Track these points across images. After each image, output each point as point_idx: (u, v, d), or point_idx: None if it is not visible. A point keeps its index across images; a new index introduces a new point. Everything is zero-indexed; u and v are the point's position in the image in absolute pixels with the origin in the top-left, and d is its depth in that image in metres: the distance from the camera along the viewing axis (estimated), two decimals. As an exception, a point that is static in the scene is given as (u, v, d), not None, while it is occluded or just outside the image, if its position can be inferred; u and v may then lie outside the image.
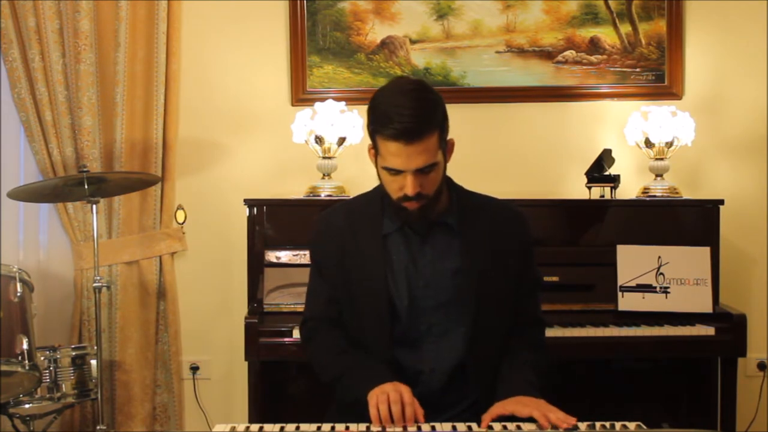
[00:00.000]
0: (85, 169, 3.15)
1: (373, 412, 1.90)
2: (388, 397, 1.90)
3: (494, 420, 1.91)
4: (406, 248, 2.10)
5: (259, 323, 3.05)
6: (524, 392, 1.97)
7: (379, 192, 2.15)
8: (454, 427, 1.88)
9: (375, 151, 2.04)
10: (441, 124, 2.00)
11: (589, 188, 3.49)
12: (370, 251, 2.10)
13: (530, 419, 1.89)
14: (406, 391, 1.93)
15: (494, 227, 2.13)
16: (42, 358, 3.06)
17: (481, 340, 2.08)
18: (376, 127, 1.99)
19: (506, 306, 2.12)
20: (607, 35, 3.69)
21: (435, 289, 2.09)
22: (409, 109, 1.94)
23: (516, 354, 2.11)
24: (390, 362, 2.07)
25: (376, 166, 2.06)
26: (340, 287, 2.14)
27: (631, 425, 1.86)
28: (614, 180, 3.43)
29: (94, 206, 3.19)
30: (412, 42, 3.70)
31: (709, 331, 3.09)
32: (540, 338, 2.23)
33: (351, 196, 3.34)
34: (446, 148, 2.05)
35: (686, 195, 3.50)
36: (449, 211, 2.11)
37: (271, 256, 3.26)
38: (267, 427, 1.86)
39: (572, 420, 1.86)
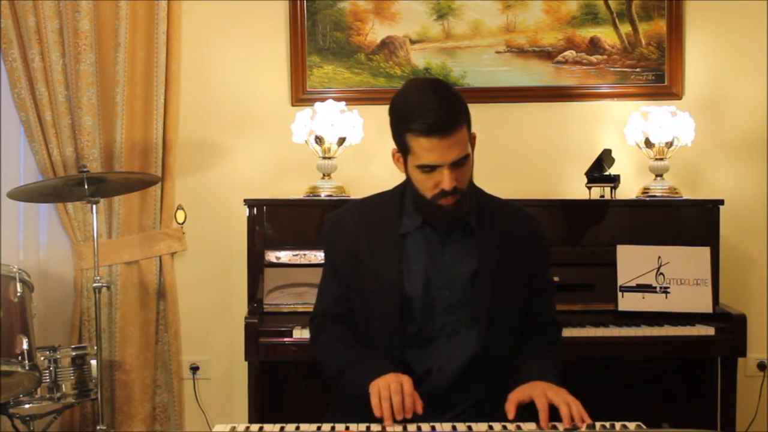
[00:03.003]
0: (85, 169, 3.15)
1: (374, 401, 1.90)
2: (389, 387, 1.90)
3: (517, 408, 1.91)
4: (426, 248, 2.10)
5: (259, 323, 3.05)
6: (545, 379, 1.97)
7: (398, 192, 2.15)
8: (454, 427, 1.87)
9: (403, 152, 2.03)
10: (467, 116, 2.01)
11: (589, 188, 3.49)
12: (386, 250, 2.09)
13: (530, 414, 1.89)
14: (407, 381, 1.93)
15: (510, 229, 2.14)
16: (42, 358, 3.06)
17: (493, 341, 2.07)
18: (406, 125, 1.97)
19: (519, 307, 2.13)
20: (607, 35, 3.69)
21: (452, 289, 2.08)
22: (438, 103, 1.95)
23: (533, 349, 2.12)
24: (399, 361, 2.07)
25: (406, 167, 2.04)
26: (353, 286, 2.14)
27: (631, 425, 1.86)
28: (614, 180, 3.43)
29: (94, 206, 3.19)
30: (412, 42, 3.70)
31: (709, 331, 3.09)
32: (555, 338, 2.24)
33: (351, 196, 3.36)
34: (472, 141, 2.06)
35: (686, 195, 3.50)
36: (471, 212, 2.10)
37: (271, 256, 3.26)
38: (267, 427, 1.86)
39: (587, 419, 1.86)
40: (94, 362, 3.18)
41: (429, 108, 1.94)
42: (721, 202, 3.35)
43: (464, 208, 2.05)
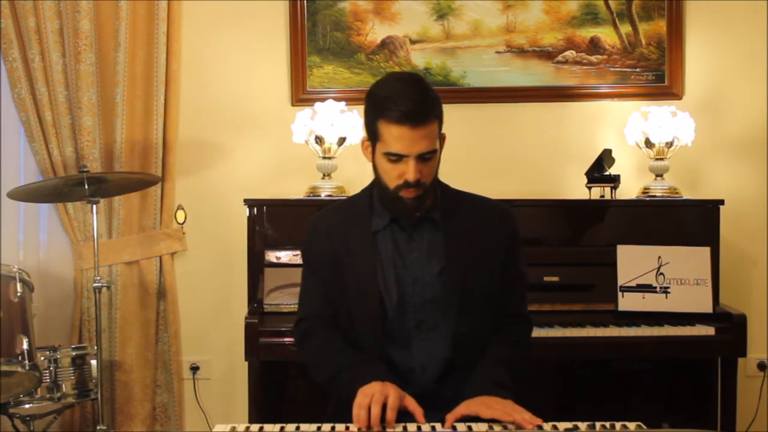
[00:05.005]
0: (85, 169, 3.15)
1: (354, 412, 1.90)
2: (372, 396, 1.90)
3: (458, 420, 1.92)
4: (394, 245, 2.12)
5: (259, 323, 3.05)
6: (491, 392, 1.97)
7: (368, 191, 2.18)
8: (454, 428, 1.88)
9: (373, 141, 2.06)
10: (440, 114, 2.04)
11: (589, 188, 3.49)
12: (360, 249, 2.12)
13: (496, 420, 1.89)
14: (393, 393, 1.92)
15: (478, 223, 2.14)
16: (42, 358, 3.06)
17: (466, 337, 2.08)
18: (380, 111, 2.01)
19: (491, 302, 2.13)
20: (607, 35, 3.69)
21: (422, 285, 2.10)
22: (414, 94, 1.99)
23: (491, 351, 2.11)
24: (382, 360, 2.08)
25: (373, 156, 2.08)
26: (333, 286, 2.15)
27: (631, 425, 1.86)
28: (614, 180, 3.43)
29: (94, 206, 3.19)
30: (412, 42, 3.70)
31: (709, 331, 3.09)
32: (521, 335, 2.22)
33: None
34: (442, 140, 2.09)
35: (686, 195, 3.50)
36: (435, 207, 2.13)
37: (271, 256, 3.26)
38: (267, 427, 1.86)
39: (538, 420, 1.86)
40: (94, 362, 3.18)
41: (405, 97, 1.97)
42: (721, 202, 3.35)
43: (425, 204, 2.08)
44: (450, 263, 2.09)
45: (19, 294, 2.94)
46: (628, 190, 3.55)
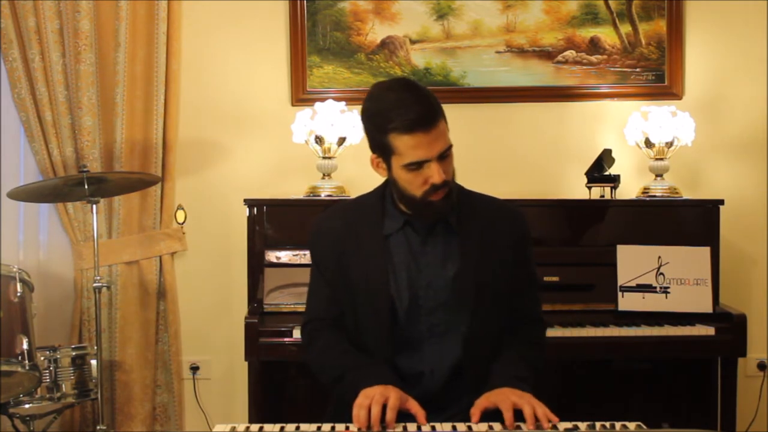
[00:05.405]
0: (85, 169, 3.15)
1: (354, 412, 1.90)
2: (372, 398, 1.90)
3: (482, 414, 1.92)
4: (408, 248, 2.10)
5: (259, 323, 3.05)
6: (512, 385, 1.97)
7: (378, 194, 2.15)
8: (454, 427, 1.87)
9: (386, 156, 2.02)
10: (442, 109, 2.01)
11: (589, 188, 3.49)
12: (371, 252, 2.10)
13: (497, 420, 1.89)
14: (393, 395, 1.92)
15: (491, 226, 2.13)
16: (42, 358, 3.06)
17: (478, 341, 2.08)
18: (387, 126, 1.97)
19: (503, 306, 2.12)
20: (607, 35, 3.69)
21: (435, 289, 2.08)
22: (415, 98, 1.96)
23: (509, 349, 2.11)
24: (391, 364, 2.07)
25: (390, 170, 2.04)
26: (341, 289, 2.14)
27: (631, 425, 1.86)
28: (614, 180, 3.43)
29: (94, 206, 3.19)
30: (412, 42, 3.70)
31: (709, 331, 3.09)
32: (537, 335, 2.22)
33: (351, 196, 3.36)
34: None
35: (686, 195, 3.50)
36: (452, 210, 2.10)
37: (271, 256, 3.26)
38: (267, 427, 1.86)
39: (553, 417, 1.87)
40: (94, 362, 3.18)
41: (407, 105, 1.94)
42: (721, 202, 3.35)
43: (452, 202, 2.05)
44: (464, 268, 2.07)
45: (19, 294, 2.94)
46: (628, 190, 3.56)
